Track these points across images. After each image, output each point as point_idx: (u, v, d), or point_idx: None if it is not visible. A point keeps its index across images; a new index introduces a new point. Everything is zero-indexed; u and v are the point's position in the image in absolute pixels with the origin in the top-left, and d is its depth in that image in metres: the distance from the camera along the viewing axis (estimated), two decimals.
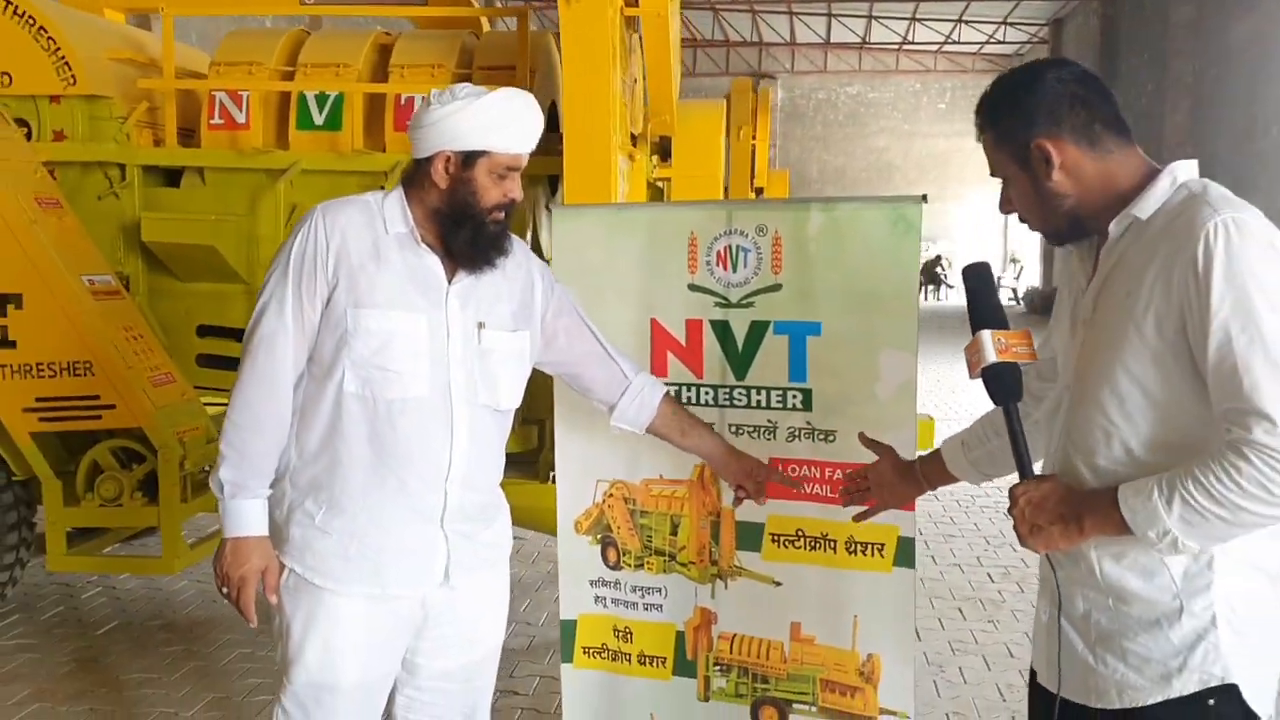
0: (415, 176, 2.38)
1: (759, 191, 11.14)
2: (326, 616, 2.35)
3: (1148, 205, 1.83)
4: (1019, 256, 30.65)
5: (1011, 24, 28.00)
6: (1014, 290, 27.97)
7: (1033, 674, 2.11)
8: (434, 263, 2.35)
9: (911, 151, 32.30)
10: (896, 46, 31.09)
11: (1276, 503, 1.64)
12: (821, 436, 2.70)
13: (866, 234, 2.59)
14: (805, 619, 2.76)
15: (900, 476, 2.46)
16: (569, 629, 2.99)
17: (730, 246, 2.73)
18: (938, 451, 2.41)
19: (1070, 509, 1.84)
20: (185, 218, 4.86)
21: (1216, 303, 1.67)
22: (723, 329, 2.76)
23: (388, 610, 2.39)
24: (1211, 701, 1.81)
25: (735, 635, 2.83)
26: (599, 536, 2.94)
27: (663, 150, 5.49)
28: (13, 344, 4.38)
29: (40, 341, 4.38)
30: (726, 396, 2.78)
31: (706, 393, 2.80)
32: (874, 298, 2.59)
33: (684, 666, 2.90)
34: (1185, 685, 1.80)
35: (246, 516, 2.34)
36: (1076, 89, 1.88)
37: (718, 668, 2.86)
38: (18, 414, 4.42)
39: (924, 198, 2.54)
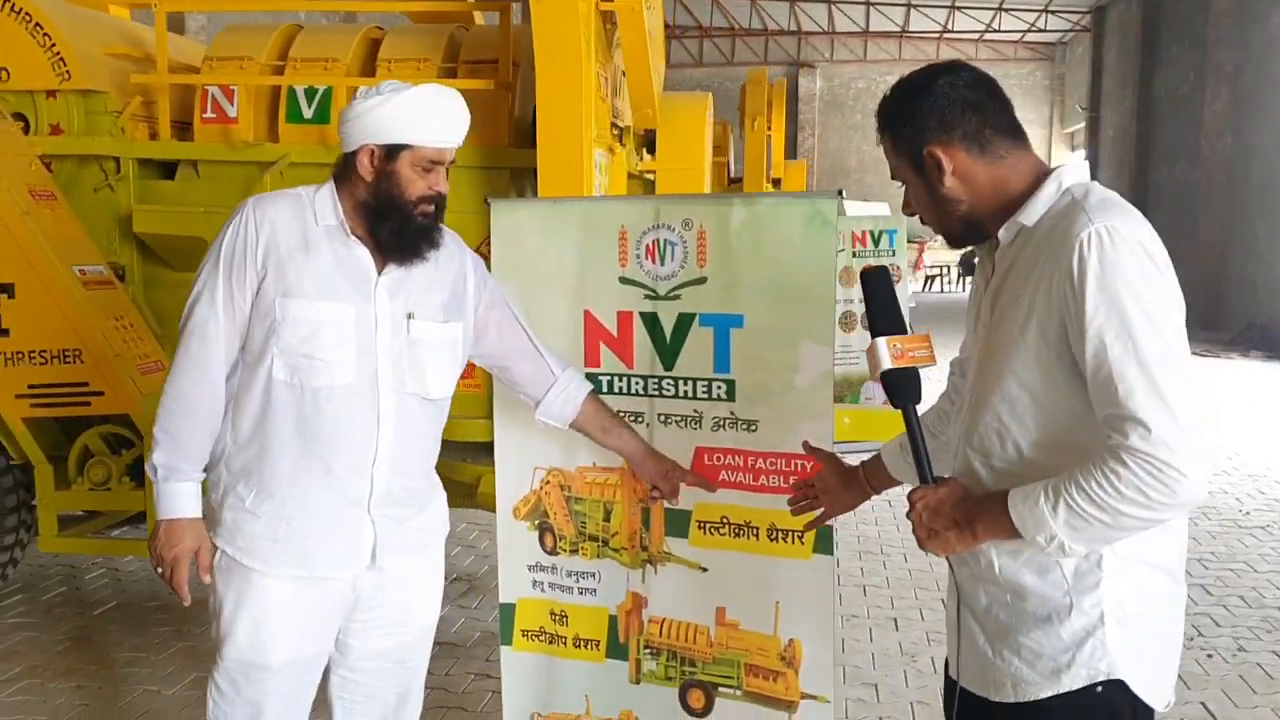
0: (344, 171, 2.46)
1: (776, 183, 11.14)
2: (256, 597, 2.44)
3: (1033, 212, 1.87)
4: None
5: (1053, 12, 27.68)
6: None
7: (946, 664, 2.15)
8: (363, 254, 2.42)
9: None
10: (937, 35, 30.82)
11: (1153, 507, 1.69)
12: (744, 426, 2.75)
13: (785, 229, 2.64)
14: (730, 604, 2.81)
15: (844, 483, 2.46)
16: (508, 612, 3.07)
17: (658, 240, 2.78)
18: (879, 455, 2.42)
19: (964, 514, 1.88)
20: (175, 210, 4.97)
21: (1091, 311, 1.71)
22: (652, 321, 2.82)
23: (319, 592, 2.46)
24: (1099, 689, 1.85)
25: (664, 620, 2.90)
26: (536, 522, 3.01)
27: (650, 143, 5.54)
28: (5, 332, 4.52)
29: (32, 330, 4.52)
30: (655, 386, 2.84)
31: (637, 382, 2.86)
32: (793, 291, 2.63)
33: (616, 649, 2.96)
34: (1074, 680, 1.85)
35: (179, 499, 2.43)
36: (968, 95, 1.92)
37: (648, 651, 2.92)
38: (10, 400, 4.56)
39: (840, 193, 2.58)
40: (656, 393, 2.84)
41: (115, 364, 4.49)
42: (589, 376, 2.85)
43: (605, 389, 2.88)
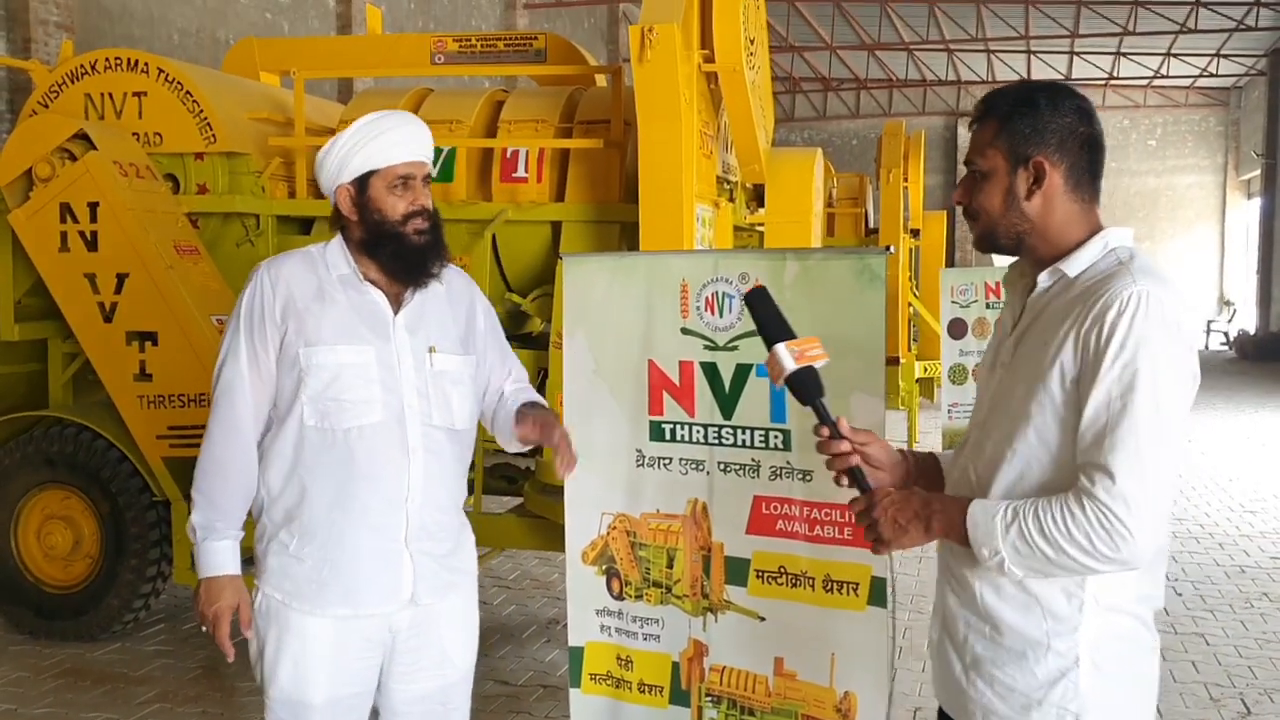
0: (339, 222, 2.57)
1: (915, 233, 11.06)
2: (295, 637, 2.51)
3: (1077, 264, 1.94)
4: (1232, 299, 28.92)
5: (1225, 56, 26.60)
6: (1225, 334, 26.36)
7: None
8: (377, 297, 2.53)
9: (1118, 190, 30.93)
10: (1103, 83, 29.96)
11: (1094, 556, 1.78)
12: (800, 476, 2.78)
13: (835, 283, 2.68)
14: (788, 654, 2.83)
15: (891, 462, 2.17)
16: (577, 656, 3.15)
17: (717, 293, 2.86)
18: (933, 455, 2.33)
19: (925, 508, 1.94)
20: None
21: (1107, 365, 1.80)
22: (711, 371, 2.88)
23: (356, 632, 2.52)
24: None
25: (725, 668, 2.93)
26: (604, 567, 3.09)
27: (760, 197, 5.62)
28: (149, 377, 4.89)
29: (172, 375, 4.87)
30: (715, 435, 2.90)
31: (698, 431, 2.92)
32: (844, 344, 2.66)
33: (679, 696, 3.01)
34: (1043, 718, 1.90)
35: (217, 556, 2.52)
36: (1089, 133, 1.95)
37: (709, 698, 2.96)
38: (152, 440, 4.92)
39: (888, 249, 2.62)
40: (717, 441, 2.90)
41: None
42: (653, 424, 2.94)
43: (668, 437, 2.95)
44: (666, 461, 2.98)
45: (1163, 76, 28.45)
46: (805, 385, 2.05)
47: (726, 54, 4.57)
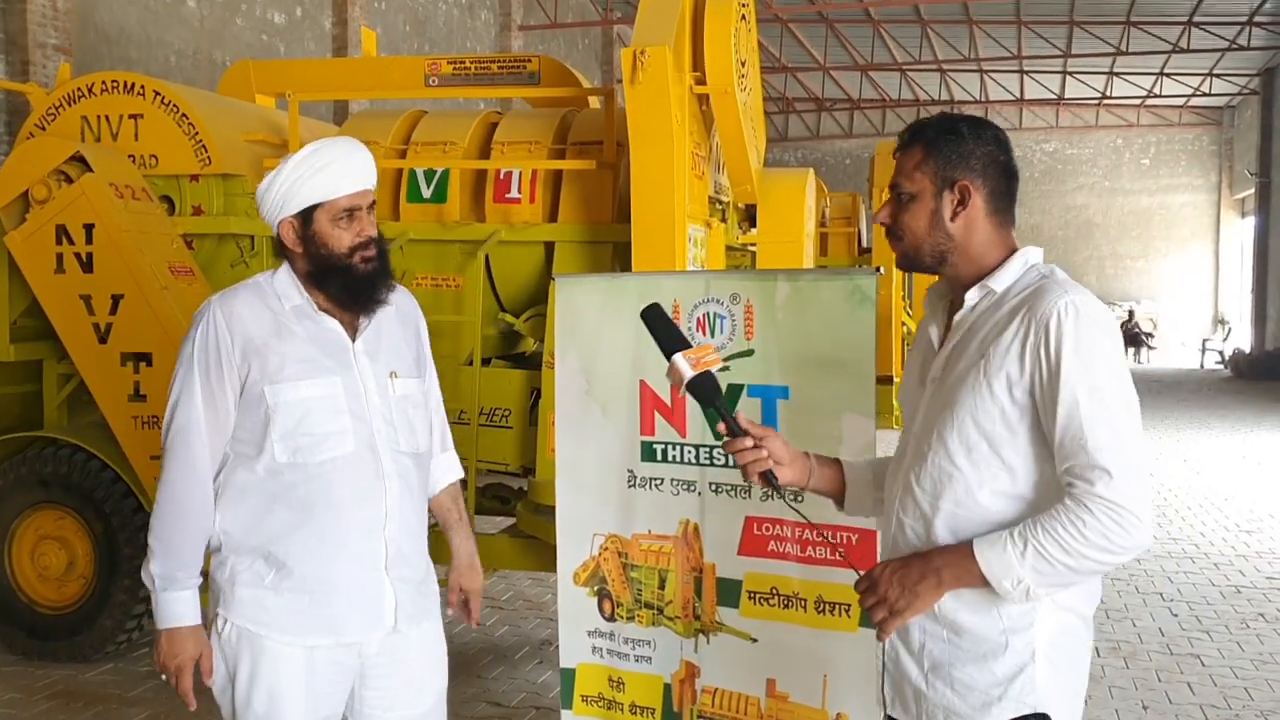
0: (283, 252, 2.51)
1: None
2: (269, 666, 2.45)
3: (1003, 280, 2.05)
4: (1227, 318, 28.99)
5: (1218, 75, 26.76)
6: (1220, 353, 26.39)
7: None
8: (334, 325, 2.49)
9: (1112, 209, 31.06)
10: (1096, 102, 30.13)
11: (1115, 551, 1.87)
12: (792, 496, 2.78)
13: (826, 304, 2.70)
14: (780, 676, 2.84)
15: (791, 456, 2.24)
16: (568, 677, 3.15)
17: (709, 313, 2.88)
18: (838, 460, 2.35)
19: (928, 564, 1.99)
20: None
21: (1066, 372, 1.90)
22: None
23: (326, 657, 2.48)
24: None
25: (717, 689, 2.93)
26: (596, 589, 3.10)
27: (752, 217, 5.65)
28: (144, 398, 4.89)
29: (166, 396, 4.86)
30: (707, 456, 2.91)
31: (689, 451, 2.93)
32: (835, 364, 2.69)
33: (671, 718, 3.00)
34: (1003, 713, 1.98)
35: (178, 607, 2.45)
36: (1007, 161, 2.09)
37: None
38: (146, 461, 4.91)
39: (878, 270, 2.64)
40: (708, 462, 2.91)
41: None
42: (644, 445, 2.95)
43: (659, 457, 2.96)
44: (658, 482, 2.99)
45: (1156, 96, 28.59)
46: (704, 389, 2.16)
47: (718, 76, 4.60)
